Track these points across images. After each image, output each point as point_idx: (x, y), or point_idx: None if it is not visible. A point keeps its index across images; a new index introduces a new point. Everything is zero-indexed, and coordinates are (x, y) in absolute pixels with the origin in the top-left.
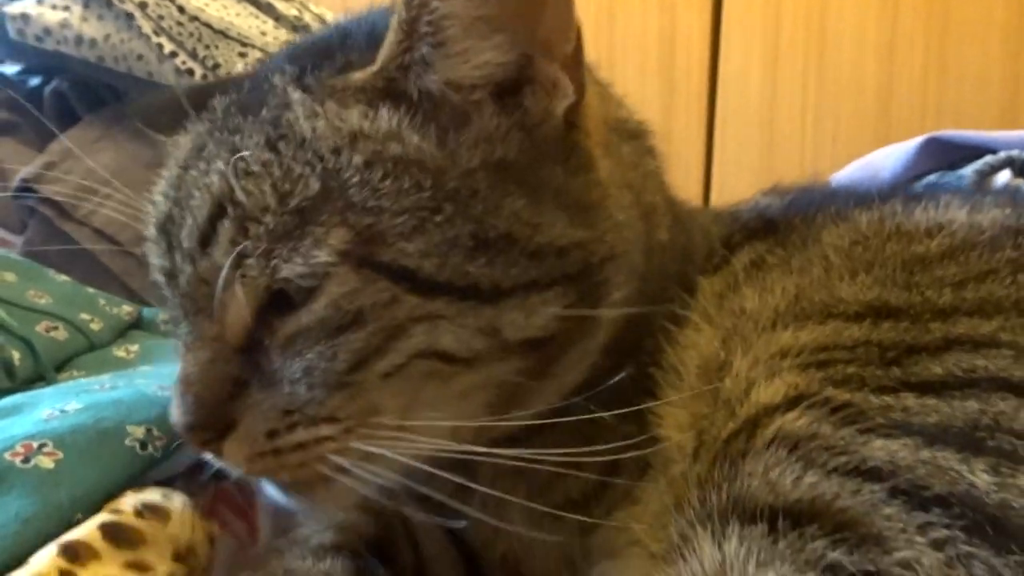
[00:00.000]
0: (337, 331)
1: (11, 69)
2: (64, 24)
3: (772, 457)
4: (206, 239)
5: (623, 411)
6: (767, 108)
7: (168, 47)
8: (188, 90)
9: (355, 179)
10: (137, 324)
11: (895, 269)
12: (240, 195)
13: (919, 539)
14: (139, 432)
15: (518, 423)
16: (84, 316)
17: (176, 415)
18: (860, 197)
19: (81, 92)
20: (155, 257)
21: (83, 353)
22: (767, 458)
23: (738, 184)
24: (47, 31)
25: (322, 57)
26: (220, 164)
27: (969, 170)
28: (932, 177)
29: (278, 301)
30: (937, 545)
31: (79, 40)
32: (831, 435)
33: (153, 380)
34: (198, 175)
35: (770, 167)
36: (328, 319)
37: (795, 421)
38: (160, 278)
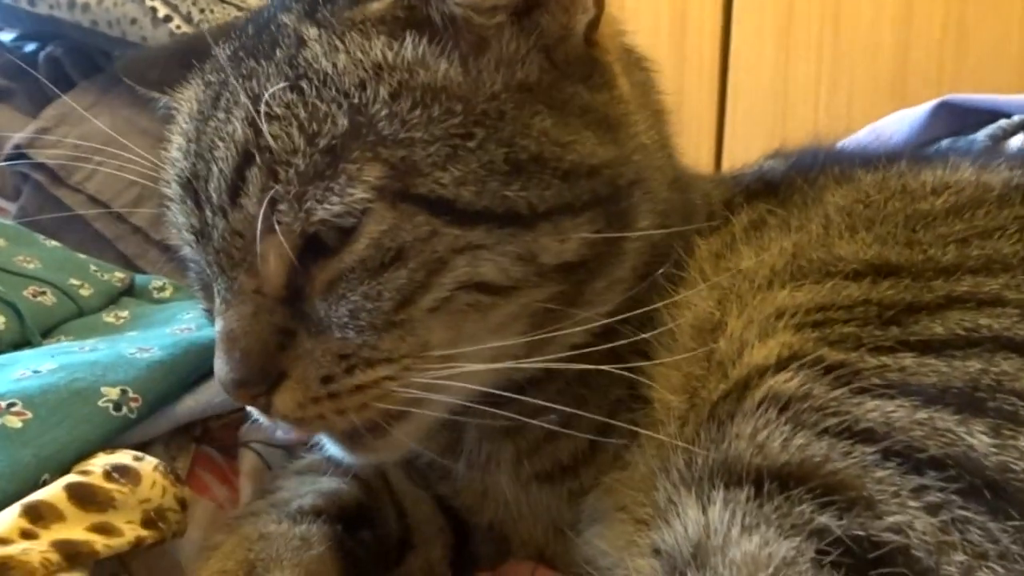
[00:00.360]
0: (379, 270)
1: (7, 36)
2: None
3: (761, 418)
4: (235, 190)
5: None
6: (780, 77)
7: (162, 11)
8: (179, 42)
9: (383, 112)
10: (129, 291)
11: (897, 226)
12: (267, 140)
13: (912, 503)
14: (113, 393)
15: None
16: (74, 282)
17: (222, 372)
18: (865, 158)
19: (76, 58)
20: (181, 216)
21: (72, 319)
22: (756, 419)
23: (750, 155)
24: None
25: None
26: (241, 111)
27: (982, 135)
28: (944, 143)
29: (313, 247)
30: (931, 509)
31: (72, 3)
32: (823, 395)
33: (137, 343)
34: (218, 125)
35: (783, 137)
36: (369, 259)
37: (786, 382)
38: (188, 236)
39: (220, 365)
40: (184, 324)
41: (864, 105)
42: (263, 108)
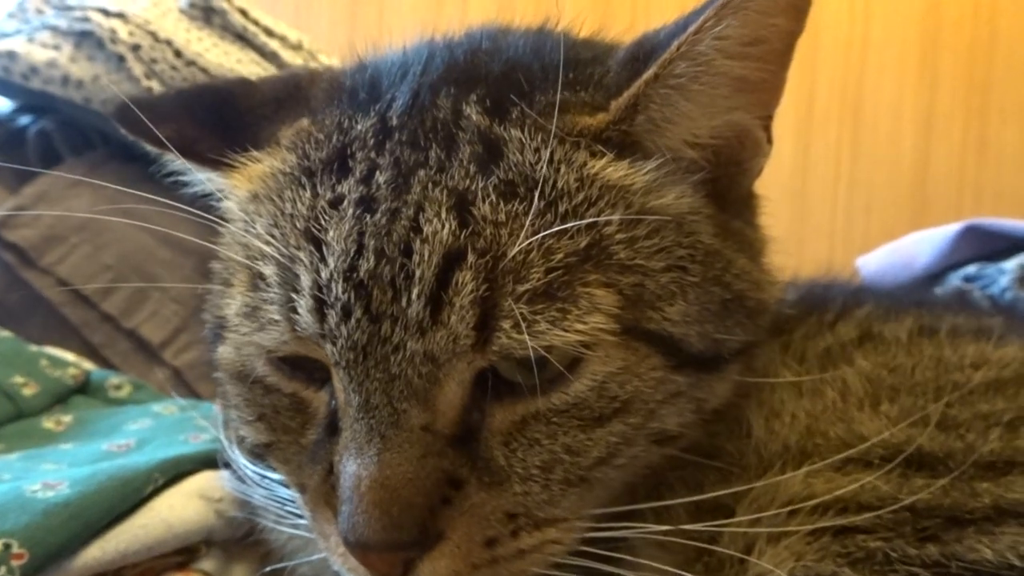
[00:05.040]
0: (595, 421)
1: (3, 107)
2: (52, 64)
3: None
4: (438, 303)
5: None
6: (799, 177)
7: (158, 91)
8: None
9: (619, 235)
10: (83, 388)
11: (928, 400)
12: (484, 242)
13: None
14: None
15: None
16: (18, 379)
17: (363, 531)
18: (896, 307)
19: (68, 134)
20: (339, 326)
21: (8, 422)
22: None
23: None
24: (34, 70)
25: (505, 87)
26: (440, 208)
27: (1013, 263)
28: (971, 269)
29: (487, 380)
30: None
31: (65, 80)
32: None
33: (46, 474)
34: (407, 222)
35: (800, 239)
36: (584, 404)
37: None
38: (346, 354)
39: (362, 521)
40: (124, 439)
41: (883, 209)
42: (477, 209)
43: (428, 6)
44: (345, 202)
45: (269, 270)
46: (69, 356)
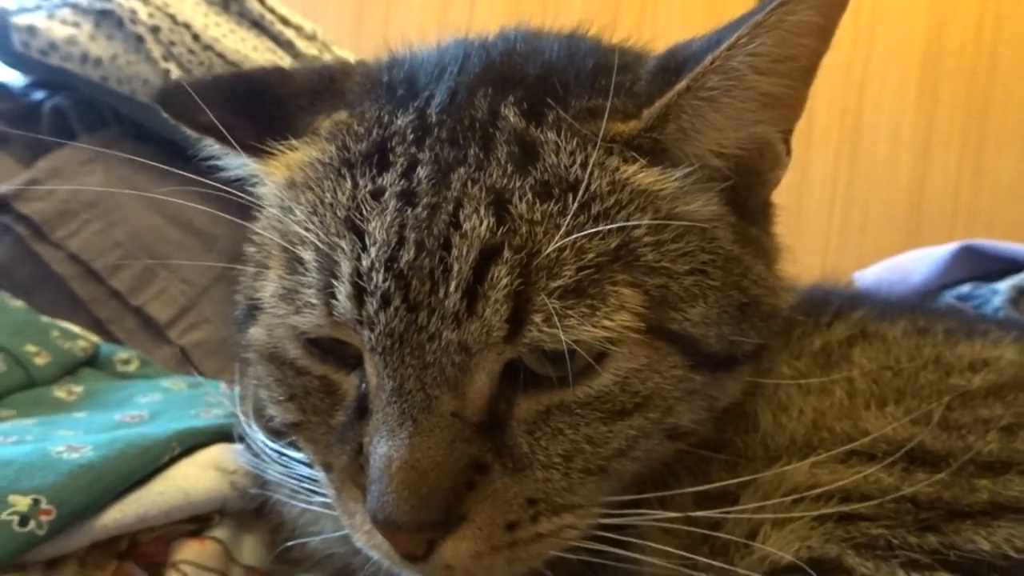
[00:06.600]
0: (616, 414)
1: (18, 80)
2: (71, 40)
3: None
4: (473, 295)
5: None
6: (795, 194)
7: (176, 74)
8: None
9: (647, 238)
10: (92, 361)
11: (931, 403)
12: (520, 240)
13: None
14: (23, 503)
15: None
16: (30, 348)
17: (392, 510)
18: (891, 310)
19: (82, 111)
20: (377, 313)
21: (20, 389)
22: None
23: None
24: (53, 46)
25: (541, 90)
26: (479, 204)
27: (1006, 284)
28: (965, 288)
29: (514, 371)
30: None
31: (84, 58)
32: None
33: (69, 439)
34: (447, 217)
35: (794, 255)
36: (607, 398)
37: None
38: (383, 341)
39: (391, 501)
40: (136, 410)
41: (878, 229)
42: (515, 208)
43: (435, 4)
44: (387, 194)
45: (308, 255)
46: (77, 329)
